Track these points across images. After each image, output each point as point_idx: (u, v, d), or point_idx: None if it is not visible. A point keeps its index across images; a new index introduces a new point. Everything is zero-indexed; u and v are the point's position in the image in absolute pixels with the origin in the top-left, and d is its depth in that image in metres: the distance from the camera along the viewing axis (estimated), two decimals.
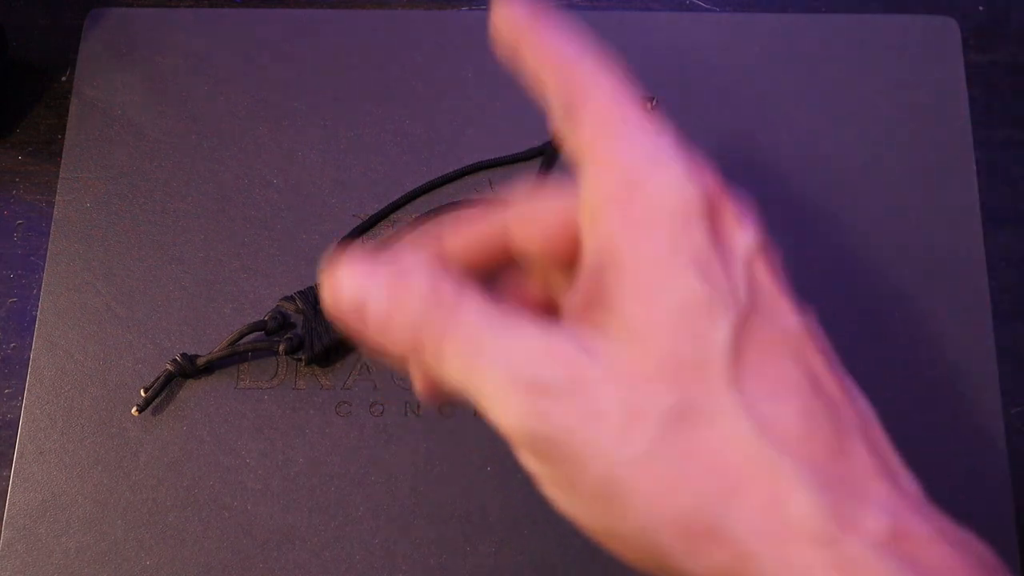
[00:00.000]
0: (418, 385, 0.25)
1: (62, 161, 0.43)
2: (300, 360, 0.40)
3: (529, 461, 0.21)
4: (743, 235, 0.21)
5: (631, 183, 0.21)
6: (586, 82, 0.22)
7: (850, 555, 0.18)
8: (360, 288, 0.21)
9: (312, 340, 0.39)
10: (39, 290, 0.41)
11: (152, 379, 0.39)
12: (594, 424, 0.19)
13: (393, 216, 0.42)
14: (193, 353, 0.40)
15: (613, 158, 0.21)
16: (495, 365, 0.19)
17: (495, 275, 0.25)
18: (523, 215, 0.24)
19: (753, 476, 0.19)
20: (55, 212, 0.43)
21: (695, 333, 0.19)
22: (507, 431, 0.20)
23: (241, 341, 0.40)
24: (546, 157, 0.43)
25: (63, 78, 0.46)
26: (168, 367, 0.39)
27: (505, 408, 0.19)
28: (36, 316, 0.41)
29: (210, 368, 0.40)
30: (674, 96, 0.45)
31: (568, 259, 0.23)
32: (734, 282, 0.20)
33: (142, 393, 0.39)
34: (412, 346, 0.20)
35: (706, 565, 0.19)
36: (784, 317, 0.20)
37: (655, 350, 0.19)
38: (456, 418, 0.39)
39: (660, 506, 0.19)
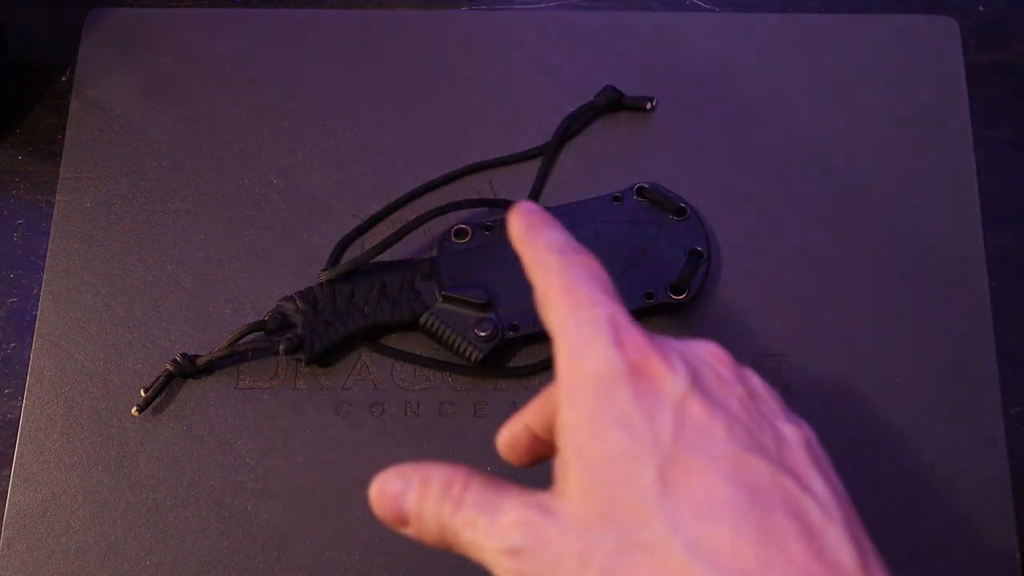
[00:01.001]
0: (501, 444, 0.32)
1: (62, 161, 0.44)
2: (300, 360, 0.40)
3: None
4: (672, 383, 0.24)
5: (570, 363, 0.25)
6: (548, 282, 0.27)
7: None
8: (397, 495, 0.27)
9: (312, 340, 0.39)
10: (39, 290, 0.41)
11: (152, 379, 0.39)
12: (557, 570, 0.23)
13: (393, 216, 0.42)
14: (193, 353, 0.40)
15: (561, 345, 0.26)
16: (487, 540, 0.25)
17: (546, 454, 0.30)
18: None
19: None
20: (55, 212, 0.43)
21: (624, 479, 0.23)
22: None
23: (241, 341, 0.40)
24: (546, 157, 0.43)
25: (63, 78, 0.46)
26: (168, 367, 0.39)
27: (499, 571, 0.24)
28: (36, 316, 0.41)
29: (210, 368, 0.40)
30: (674, 96, 0.45)
31: None
32: (658, 429, 0.23)
33: (142, 393, 0.39)
34: (439, 535, 0.26)
35: None
36: (715, 445, 0.23)
37: (595, 499, 0.23)
38: (456, 418, 0.39)
39: None
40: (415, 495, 0.26)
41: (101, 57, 0.45)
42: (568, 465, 0.24)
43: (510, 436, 0.31)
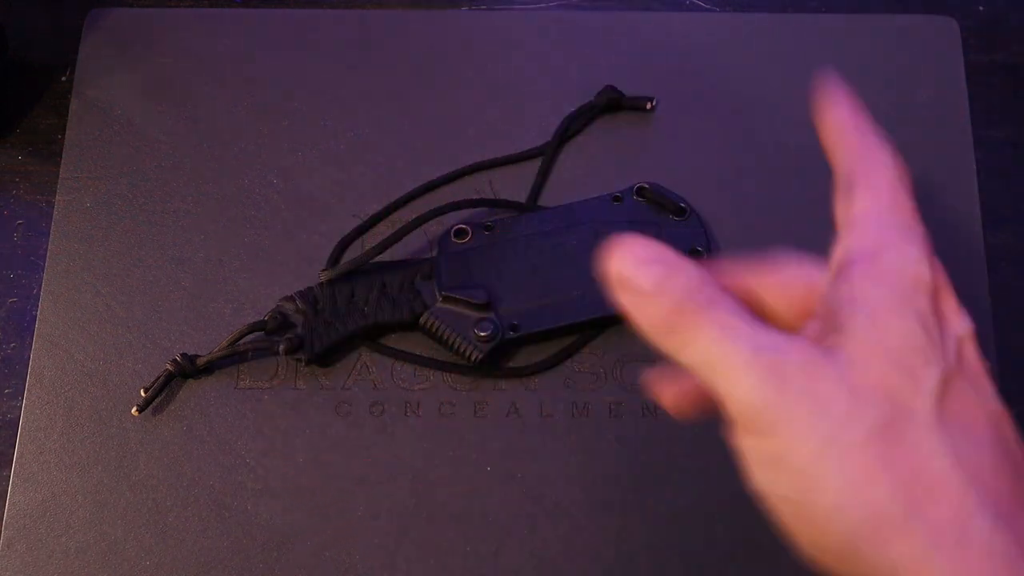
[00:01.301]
0: (667, 400, 0.29)
1: (62, 161, 0.44)
2: (300, 360, 0.40)
3: (743, 438, 0.24)
4: (959, 320, 0.25)
5: (879, 248, 0.25)
6: (868, 170, 0.27)
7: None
8: (636, 263, 0.24)
9: (312, 340, 0.39)
10: (39, 290, 0.41)
11: (152, 379, 0.39)
12: (818, 408, 0.22)
13: (393, 216, 0.42)
14: (193, 353, 0.40)
15: (870, 229, 0.26)
16: (742, 344, 0.23)
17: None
18: (773, 277, 0.28)
19: (944, 493, 0.22)
20: (55, 212, 0.43)
21: (911, 369, 0.23)
22: (735, 404, 0.23)
23: (241, 341, 0.40)
24: (546, 157, 0.43)
25: (63, 78, 0.46)
26: (168, 367, 0.39)
27: (742, 381, 0.23)
28: (36, 316, 0.41)
29: (210, 368, 0.40)
30: (674, 96, 0.45)
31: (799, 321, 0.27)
32: (948, 347, 0.24)
33: (142, 393, 0.39)
34: (663, 325, 0.24)
35: (884, 556, 0.22)
36: (984, 393, 0.24)
37: (876, 371, 0.23)
38: (456, 418, 0.39)
39: (859, 491, 0.22)
40: (665, 267, 0.24)
41: (101, 57, 0.45)
42: (855, 330, 0.24)
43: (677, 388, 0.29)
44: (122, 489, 0.38)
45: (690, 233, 0.41)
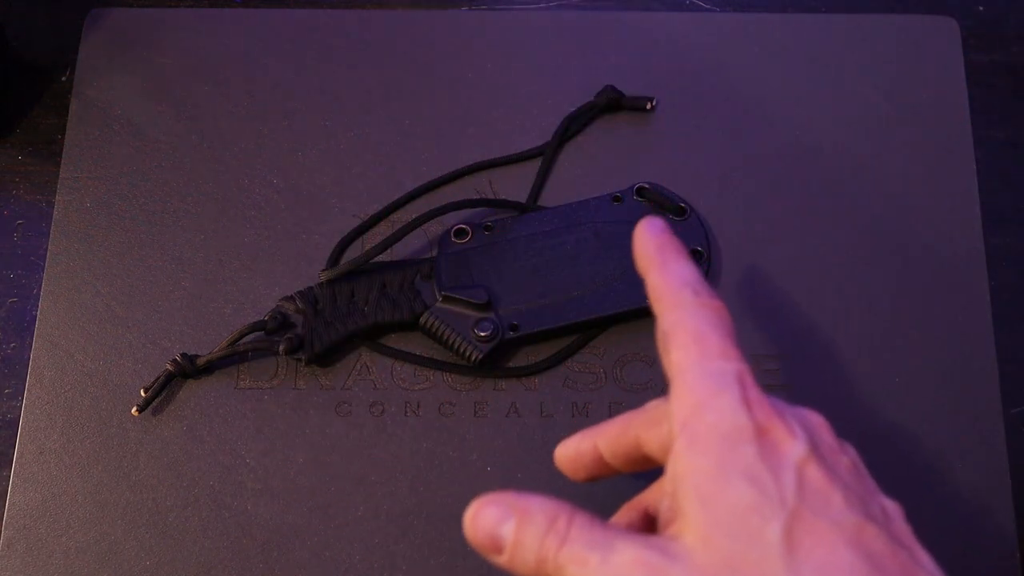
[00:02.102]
0: (562, 463, 0.32)
1: (62, 161, 0.44)
2: (300, 360, 0.40)
3: None
4: (793, 447, 0.25)
5: (696, 409, 0.26)
6: (677, 319, 0.28)
7: None
8: (495, 524, 0.27)
9: (312, 340, 0.39)
10: (39, 290, 0.41)
11: (152, 379, 0.39)
12: None
13: (393, 216, 0.42)
14: (193, 353, 0.40)
15: (685, 387, 0.26)
16: None
17: (639, 465, 0.31)
18: (649, 426, 0.29)
19: None
20: (55, 212, 0.43)
21: (750, 532, 0.23)
22: None
23: (241, 341, 0.40)
24: (546, 157, 0.43)
25: (63, 78, 0.46)
26: (168, 367, 0.39)
27: None
28: (36, 316, 0.41)
29: (210, 368, 0.40)
30: (674, 96, 0.45)
31: None
32: (783, 487, 0.24)
33: (142, 393, 0.39)
34: (537, 567, 0.26)
35: None
36: (836, 511, 0.24)
37: (718, 548, 0.23)
38: (456, 418, 0.39)
39: None
40: (514, 524, 0.26)
41: (101, 57, 0.45)
42: (687, 511, 0.25)
43: (575, 452, 0.31)
44: (122, 489, 0.38)
45: (690, 233, 0.41)
